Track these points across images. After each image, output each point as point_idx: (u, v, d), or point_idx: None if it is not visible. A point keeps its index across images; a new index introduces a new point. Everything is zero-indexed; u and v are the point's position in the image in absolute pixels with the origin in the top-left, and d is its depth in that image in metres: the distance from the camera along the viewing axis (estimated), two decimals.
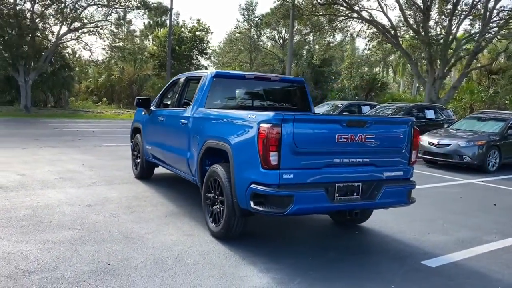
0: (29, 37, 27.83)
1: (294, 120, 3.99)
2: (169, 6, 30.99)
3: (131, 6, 28.33)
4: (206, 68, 43.15)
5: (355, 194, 4.39)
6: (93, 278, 3.65)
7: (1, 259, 3.95)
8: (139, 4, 28.59)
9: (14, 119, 23.18)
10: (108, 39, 30.50)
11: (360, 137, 4.28)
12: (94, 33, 29.79)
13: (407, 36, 25.52)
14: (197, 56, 41.96)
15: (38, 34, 29.04)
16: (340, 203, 4.31)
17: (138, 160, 7.93)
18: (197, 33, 41.46)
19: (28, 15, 27.62)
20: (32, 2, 27.20)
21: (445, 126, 13.60)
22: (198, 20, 42.53)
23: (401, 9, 22.56)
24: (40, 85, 30.68)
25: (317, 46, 36.61)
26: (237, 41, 46.15)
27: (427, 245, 4.96)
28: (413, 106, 14.82)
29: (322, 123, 4.25)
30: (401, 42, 25.98)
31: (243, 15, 46.18)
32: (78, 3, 28.47)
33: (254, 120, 4.13)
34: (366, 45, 29.88)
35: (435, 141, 11.36)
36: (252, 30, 45.91)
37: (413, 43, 25.53)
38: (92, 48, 33.61)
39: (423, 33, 22.90)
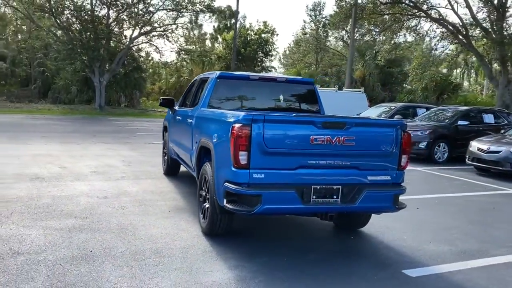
0: (104, 41, 29.87)
1: (264, 121, 4.02)
2: (235, 9, 31.81)
3: (196, 10, 29.36)
4: (269, 71, 43.49)
5: (334, 197, 4.30)
6: (69, 262, 3.95)
7: (1, 240, 4.40)
8: (204, 8, 29.58)
9: (88, 117, 25.02)
10: (176, 42, 31.88)
11: (338, 139, 4.19)
12: (163, 36, 31.27)
13: (479, 35, 23.93)
14: (262, 58, 42.40)
15: (114, 38, 31.10)
16: (317, 205, 4.25)
17: (166, 157, 8.33)
18: (263, 35, 41.92)
19: (104, 20, 29.64)
20: (108, 8, 29.17)
21: (502, 131, 12.63)
22: (265, 22, 43.05)
23: (468, 6, 21.23)
24: (113, 86, 32.82)
25: (385, 46, 35.47)
26: (304, 42, 46.02)
27: (420, 254, 4.72)
28: (469, 109, 13.93)
29: (294, 123, 4.20)
30: (473, 42, 24.45)
31: (310, 16, 45.98)
32: (149, 8, 30.06)
33: (229, 120, 4.22)
34: (435, 45, 28.48)
35: (484, 147, 10.61)
36: (319, 30, 45.53)
37: (486, 43, 23.91)
38: (162, 50, 35.12)
39: (497, 32, 21.38)
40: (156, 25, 31.21)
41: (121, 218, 5.39)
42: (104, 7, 29.36)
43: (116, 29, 30.62)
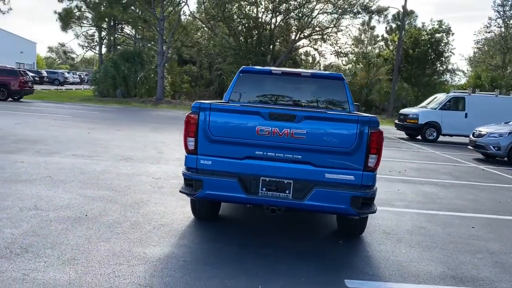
0: (268, 45, 31.98)
1: (210, 109, 4.18)
2: (404, 9, 30.33)
3: (353, 11, 29.04)
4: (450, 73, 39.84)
5: (287, 191, 4.19)
6: (64, 221, 4.79)
7: (41, 199, 5.53)
8: (360, 10, 29.04)
9: None
10: (335, 44, 32.08)
11: (286, 132, 4.07)
12: (322, 39, 31.85)
13: None
14: (433, 59, 39.15)
15: (277, 43, 33.04)
16: (265, 198, 4.20)
17: None
18: (436, 35, 38.68)
19: (268, 26, 31.73)
20: (272, 14, 31.13)
21: None
22: (440, 21, 39.62)
23: None
24: None
25: None
26: (488, 42, 40.87)
27: (387, 268, 4.18)
28: None
29: (240, 113, 4.21)
30: None
31: (498, 12, 40.56)
32: (312, 13, 30.98)
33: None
34: None
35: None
36: (509, 28, 39.82)
37: None
38: (324, 53, 35.70)
39: None
40: (317, 28, 31.94)
41: (145, 196, 6.09)
42: (268, 14, 31.41)
43: (279, 34, 32.39)
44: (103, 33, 37.96)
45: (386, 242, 4.98)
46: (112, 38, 39.81)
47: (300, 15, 30.38)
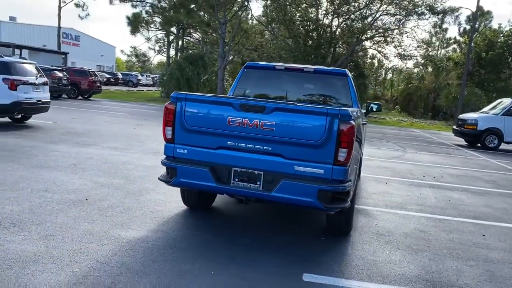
0: (327, 48, 31.62)
1: (186, 99, 4.31)
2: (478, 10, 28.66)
3: (418, 12, 27.84)
4: None
5: (257, 182, 4.20)
6: (63, 203, 5.15)
7: (54, 184, 5.99)
8: (425, 10, 27.76)
9: None
10: (399, 47, 30.97)
11: (256, 123, 4.09)
12: (384, 41, 30.88)
13: None
14: (509, 63, 36.47)
15: (338, 45, 32.55)
16: (237, 188, 4.24)
17: None
18: None
19: (328, 28, 31.37)
20: (333, 17, 30.75)
21: None
22: None
23: None
24: None
25: None
26: None
27: (357, 267, 4.03)
28: None
29: (213, 104, 4.27)
30: None
31: None
32: (376, 15, 30.16)
33: None
34: None
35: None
36: None
37: None
38: (387, 55, 34.56)
39: None
40: (380, 30, 31.03)
41: (153, 185, 6.35)
42: (328, 16, 31.06)
43: (339, 36, 31.90)
44: (171, 37, 39.66)
45: (373, 242, 4.80)
46: (179, 41, 41.48)
47: (361, 16, 29.72)
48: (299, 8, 30.37)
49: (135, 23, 33.23)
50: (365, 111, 7.63)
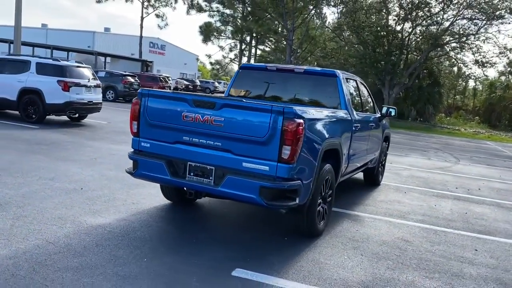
0: (397, 55, 30.48)
1: (148, 95, 4.53)
2: None
3: (497, 15, 25.81)
4: None
5: (210, 177, 4.29)
6: (58, 190, 5.61)
7: (64, 174, 6.52)
8: (506, 14, 25.64)
9: None
10: (477, 53, 28.99)
11: (207, 119, 4.19)
12: (462, 47, 29.07)
13: None
14: None
15: (412, 52, 31.23)
16: (190, 182, 4.36)
17: None
18: None
19: (399, 34, 30.24)
20: (404, 22, 29.60)
21: None
22: None
23: None
24: (405, 99, 32.87)
25: None
26: None
27: (298, 268, 3.93)
28: None
29: (171, 100, 4.41)
30: None
31: None
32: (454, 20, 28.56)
33: None
34: None
35: None
36: None
37: None
38: (465, 63, 32.39)
39: None
40: (457, 36, 29.29)
41: None
42: (400, 22, 29.93)
43: (411, 42, 30.59)
44: (244, 46, 40.72)
45: (338, 247, 4.64)
46: (251, 49, 42.42)
47: (435, 22, 28.25)
48: (367, 14, 29.64)
49: (207, 32, 34.61)
50: (379, 115, 7.38)
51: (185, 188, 4.71)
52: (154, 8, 41.30)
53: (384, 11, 29.80)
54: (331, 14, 32.58)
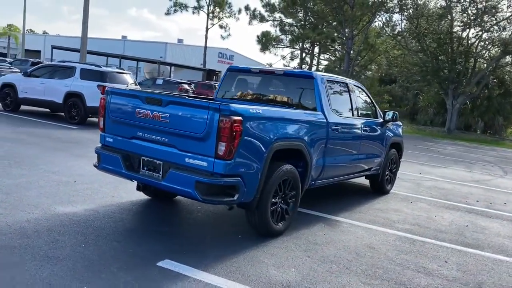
0: (462, 62, 28.83)
1: (111, 93, 4.81)
2: None
3: None
4: None
5: (159, 172, 4.45)
6: (52, 181, 6.08)
7: (70, 169, 7.03)
8: None
9: (426, 138, 25.25)
10: None
11: (155, 115, 4.36)
12: None
13: None
14: None
15: (479, 60, 29.40)
16: (142, 177, 4.55)
17: None
18: None
19: (464, 41, 28.61)
20: (469, 28, 27.98)
21: None
22: None
23: None
24: (472, 110, 30.92)
25: None
26: None
27: (231, 265, 3.95)
28: None
29: (128, 97, 4.62)
30: None
31: None
32: None
33: None
34: None
35: None
36: None
37: None
38: None
39: None
40: None
41: None
42: (465, 28, 28.32)
43: (479, 50, 28.80)
44: (304, 54, 40.66)
45: (289, 247, 4.58)
46: (312, 58, 42.22)
47: (503, 27, 26.35)
48: (429, 20, 28.39)
49: (265, 42, 35.08)
50: (381, 120, 7.15)
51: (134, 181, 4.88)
52: (218, 19, 42.67)
53: (448, 17, 28.35)
54: (391, 21, 31.53)
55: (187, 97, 4.30)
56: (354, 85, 6.71)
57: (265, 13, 37.66)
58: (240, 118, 4.04)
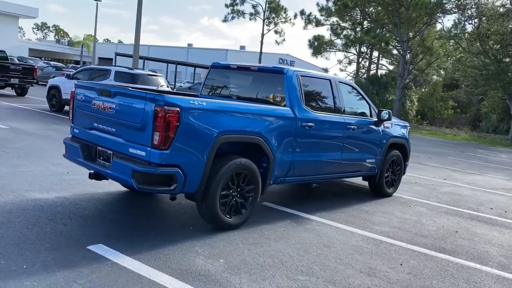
0: None
1: (77, 86, 5.08)
2: None
3: None
4: None
5: (110, 161, 4.64)
6: (43, 170, 6.52)
7: (68, 162, 7.48)
8: None
9: (482, 146, 23.76)
10: None
11: (105, 106, 4.56)
12: None
13: None
14: None
15: None
16: (97, 166, 4.75)
17: None
18: None
19: None
20: None
21: None
22: None
23: None
24: None
25: None
26: None
27: (154, 254, 4.03)
28: None
29: (87, 89, 4.84)
30: None
31: None
32: None
33: None
34: None
35: None
36: None
37: None
38: None
39: None
40: None
41: None
42: None
43: None
44: (359, 58, 39.76)
45: (233, 240, 4.55)
46: (370, 62, 41.16)
47: None
48: (489, 21, 26.64)
49: (318, 46, 34.76)
50: (376, 119, 6.88)
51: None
52: (275, 25, 42.93)
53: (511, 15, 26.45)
54: (449, 21, 29.88)
55: (129, 88, 4.45)
56: (341, 82, 6.52)
57: (320, 17, 37.39)
58: (176, 109, 4.11)
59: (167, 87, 14.00)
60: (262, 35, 43.35)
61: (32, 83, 18.72)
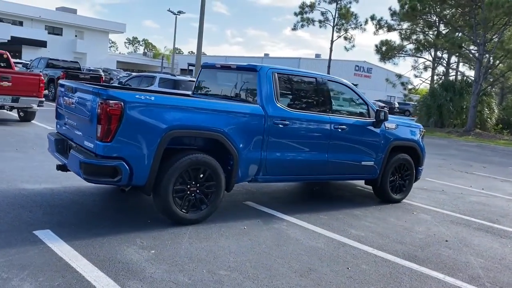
0: None
1: (59, 85, 5.47)
2: None
3: None
4: None
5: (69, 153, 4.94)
6: (39, 163, 7.05)
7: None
8: None
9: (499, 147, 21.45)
10: None
11: (70, 101, 4.88)
12: None
13: None
14: None
15: None
16: (64, 159, 5.07)
17: None
18: None
19: None
20: None
21: None
22: None
23: None
24: None
25: None
26: None
27: (94, 244, 4.19)
28: None
29: (63, 87, 5.15)
30: None
31: None
32: None
33: None
34: None
35: None
36: None
37: None
38: None
39: None
40: None
41: None
42: None
43: None
44: (434, 64, 37.59)
45: (180, 235, 4.58)
46: (449, 67, 38.77)
47: None
48: None
49: (386, 51, 33.49)
50: (373, 120, 6.55)
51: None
52: (345, 31, 42.19)
53: None
54: None
55: (83, 83, 4.73)
56: (332, 81, 6.30)
57: (392, 21, 36.03)
58: (119, 102, 4.27)
59: None
60: (331, 41, 42.82)
61: None
